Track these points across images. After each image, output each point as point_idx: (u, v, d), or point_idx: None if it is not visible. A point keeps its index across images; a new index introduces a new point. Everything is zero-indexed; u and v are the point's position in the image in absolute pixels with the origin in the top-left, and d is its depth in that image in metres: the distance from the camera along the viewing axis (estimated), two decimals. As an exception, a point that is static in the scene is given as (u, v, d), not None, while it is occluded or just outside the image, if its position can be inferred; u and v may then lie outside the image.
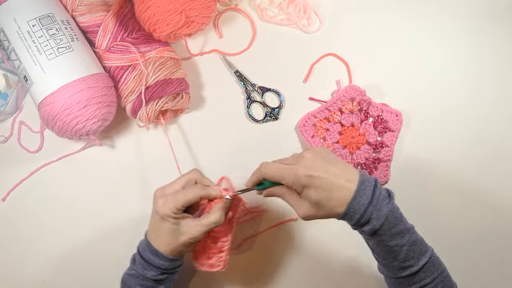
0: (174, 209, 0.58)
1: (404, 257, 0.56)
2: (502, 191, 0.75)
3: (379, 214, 0.54)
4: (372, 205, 0.54)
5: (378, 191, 0.55)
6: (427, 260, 0.56)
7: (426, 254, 0.57)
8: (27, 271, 0.74)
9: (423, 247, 0.57)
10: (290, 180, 0.56)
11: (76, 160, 0.76)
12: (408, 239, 0.56)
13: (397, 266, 0.57)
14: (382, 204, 0.54)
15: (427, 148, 0.76)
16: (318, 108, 0.76)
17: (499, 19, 0.80)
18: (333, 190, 0.54)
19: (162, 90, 0.70)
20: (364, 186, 0.54)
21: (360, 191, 0.54)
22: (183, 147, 0.77)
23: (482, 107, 0.78)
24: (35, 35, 0.67)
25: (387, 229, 0.55)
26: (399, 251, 0.56)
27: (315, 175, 0.54)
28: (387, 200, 0.55)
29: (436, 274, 0.57)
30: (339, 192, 0.54)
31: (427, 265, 0.56)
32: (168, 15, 0.67)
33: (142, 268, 0.60)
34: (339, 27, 0.80)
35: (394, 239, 0.55)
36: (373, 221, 0.54)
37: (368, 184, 0.55)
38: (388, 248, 0.56)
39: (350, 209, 0.54)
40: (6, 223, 0.75)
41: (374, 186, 0.55)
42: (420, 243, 0.57)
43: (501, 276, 0.74)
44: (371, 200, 0.54)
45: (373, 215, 0.54)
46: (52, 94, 0.66)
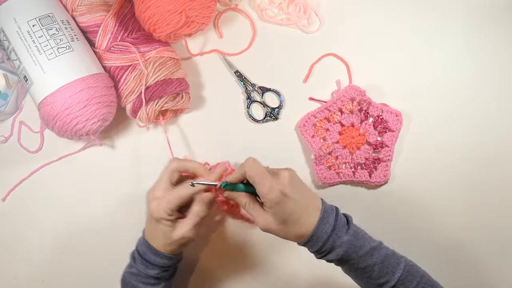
0: (168, 211, 0.59)
1: (378, 274, 0.56)
2: (502, 191, 0.75)
3: (342, 241, 0.55)
4: (334, 233, 0.55)
5: (339, 219, 0.57)
6: (402, 272, 0.56)
7: (399, 266, 0.57)
8: (27, 271, 0.74)
9: (395, 260, 0.57)
10: (265, 189, 0.55)
11: (76, 160, 0.76)
12: (377, 257, 0.56)
13: (374, 284, 0.57)
14: (343, 231, 0.56)
15: (427, 148, 0.76)
16: (318, 108, 0.76)
17: (499, 19, 0.80)
18: (302, 214, 0.56)
19: (162, 90, 0.70)
20: (327, 214, 0.56)
21: (324, 218, 0.56)
22: (183, 147, 0.77)
23: (482, 107, 0.78)
24: (35, 35, 0.67)
25: (354, 253, 0.56)
26: (372, 270, 0.56)
27: (290, 196, 0.55)
28: (347, 226, 0.57)
29: (416, 282, 0.57)
30: (306, 217, 0.56)
31: (403, 276, 0.56)
32: (168, 15, 0.67)
33: (144, 267, 0.61)
34: (339, 27, 0.80)
35: (363, 260, 0.56)
36: (336, 248, 0.56)
37: (330, 212, 0.57)
38: (360, 270, 0.57)
39: (313, 236, 0.55)
40: (6, 223, 0.75)
41: (336, 214, 0.57)
42: (391, 257, 0.57)
43: (501, 276, 0.74)
44: (334, 228, 0.56)
45: (336, 243, 0.55)
46: (52, 94, 0.66)
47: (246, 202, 0.59)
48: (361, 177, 0.74)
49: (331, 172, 0.75)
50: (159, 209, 0.59)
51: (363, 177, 0.74)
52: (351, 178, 0.74)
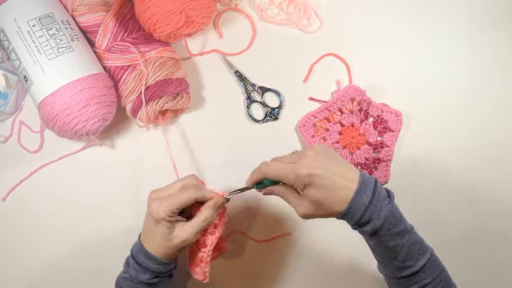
0: (169, 212, 0.57)
1: (404, 257, 0.56)
2: (503, 190, 0.75)
3: (379, 214, 0.54)
4: (373, 205, 0.54)
5: (378, 191, 0.55)
6: (427, 260, 0.56)
7: (425, 254, 0.57)
8: (27, 271, 0.74)
9: (422, 247, 0.57)
10: (291, 179, 0.56)
11: (76, 160, 0.76)
12: (408, 239, 0.56)
13: (397, 266, 0.57)
14: (382, 204, 0.54)
15: (427, 148, 0.76)
16: (318, 108, 0.76)
17: (498, 19, 0.80)
18: (334, 189, 0.54)
19: (162, 90, 0.70)
20: (364, 186, 0.54)
21: (361, 190, 0.54)
22: (183, 147, 0.77)
23: (482, 107, 0.78)
24: (35, 35, 0.67)
25: (387, 229, 0.55)
26: (399, 251, 0.56)
27: (316, 174, 0.54)
28: (387, 200, 0.55)
29: (436, 274, 0.57)
30: (340, 191, 0.54)
31: (427, 265, 0.56)
32: (168, 15, 0.67)
33: (135, 272, 0.59)
34: (339, 27, 0.80)
35: (394, 239, 0.55)
36: (374, 221, 0.54)
37: (368, 184, 0.55)
38: (388, 248, 0.56)
39: (351, 208, 0.54)
40: (6, 223, 0.75)
41: (375, 186, 0.55)
42: (419, 243, 0.57)
43: (501, 277, 0.74)
44: (371, 200, 0.54)
45: (373, 215, 0.54)
46: (52, 94, 0.66)
47: (282, 192, 0.59)
48: (361, 177, 0.74)
49: (331, 172, 0.75)
50: (160, 210, 0.57)
51: (363, 177, 0.74)
52: (351, 178, 0.74)
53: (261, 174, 0.59)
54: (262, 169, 0.58)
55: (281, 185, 0.59)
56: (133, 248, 0.62)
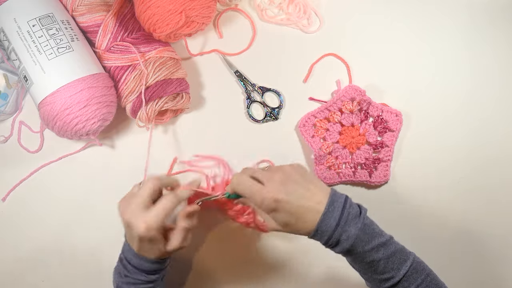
0: (158, 230, 0.57)
1: (383, 269, 0.56)
2: (503, 190, 0.75)
3: (348, 235, 0.54)
4: (340, 227, 0.54)
5: (347, 212, 0.55)
6: (408, 268, 0.56)
7: (406, 262, 0.56)
8: (27, 271, 0.74)
9: (403, 256, 0.56)
10: (257, 201, 0.56)
11: (76, 160, 0.76)
12: (383, 253, 0.55)
13: (378, 279, 0.57)
14: (351, 225, 0.54)
15: (427, 148, 0.76)
16: (318, 108, 0.76)
17: (499, 19, 0.80)
18: (302, 212, 0.55)
19: (162, 90, 0.70)
20: (332, 208, 0.55)
21: (328, 213, 0.54)
22: (182, 147, 0.77)
23: (482, 107, 0.78)
24: (35, 35, 0.67)
25: (360, 247, 0.55)
26: (377, 265, 0.56)
27: (283, 200, 0.54)
28: (357, 219, 0.55)
29: (420, 279, 0.56)
30: (307, 214, 0.55)
31: (409, 273, 0.56)
32: (168, 15, 0.67)
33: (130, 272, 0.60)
34: (339, 27, 0.80)
35: (369, 255, 0.55)
36: (343, 242, 0.55)
37: (337, 205, 0.55)
38: (365, 263, 0.56)
39: (318, 231, 0.55)
40: (6, 223, 0.75)
41: (343, 207, 0.55)
42: (399, 253, 0.56)
43: (501, 277, 0.74)
44: (339, 222, 0.54)
45: (342, 236, 0.54)
46: (52, 94, 0.66)
47: (253, 207, 0.60)
48: (361, 177, 0.74)
49: (331, 172, 0.75)
50: (150, 232, 0.56)
51: (363, 177, 0.74)
52: (351, 178, 0.74)
53: (231, 187, 0.59)
54: (233, 183, 0.58)
55: None
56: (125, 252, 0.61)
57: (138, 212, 0.57)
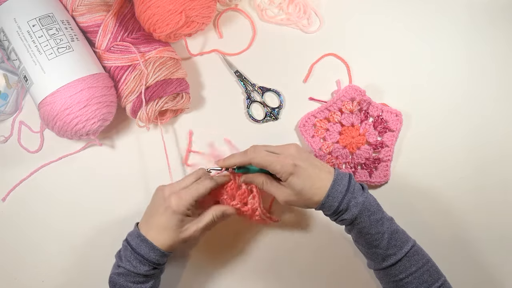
0: (188, 205, 0.61)
1: (387, 244, 0.59)
2: (503, 190, 0.75)
3: (357, 202, 0.58)
4: (349, 192, 0.59)
5: (353, 182, 0.60)
6: (410, 248, 0.59)
7: (408, 243, 0.59)
8: (27, 271, 0.74)
9: (405, 236, 0.60)
10: (276, 167, 0.60)
11: (76, 160, 0.76)
12: (388, 227, 0.59)
13: (381, 255, 0.59)
14: (358, 193, 0.59)
15: (427, 148, 0.76)
16: (318, 108, 0.76)
17: (498, 19, 0.80)
18: (315, 179, 0.59)
19: (162, 90, 0.70)
20: (340, 177, 0.60)
21: (338, 180, 0.59)
22: (183, 147, 0.77)
23: (482, 107, 0.78)
24: (35, 35, 0.67)
25: (366, 216, 0.58)
26: (381, 239, 0.59)
27: (300, 165, 0.59)
28: (362, 191, 0.60)
29: (421, 263, 0.59)
30: (320, 181, 0.59)
31: (410, 253, 0.59)
32: (168, 15, 0.67)
33: (132, 264, 0.61)
34: (339, 27, 0.80)
35: (374, 226, 0.58)
36: (352, 208, 0.58)
37: (343, 176, 0.60)
38: (369, 236, 0.59)
39: (329, 196, 0.59)
40: (6, 223, 0.75)
41: (349, 178, 0.60)
42: (401, 233, 0.60)
43: (501, 277, 0.74)
44: (348, 187, 0.59)
45: (351, 202, 0.58)
46: (52, 94, 0.66)
47: (263, 181, 0.63)
48: (361, 177, 0.74)
49: (331, 172, 0.75)
50: (181, 203, 0.61)
51: (363, 177, 0.74)
52: (351, 178, 0.75)
53: (247, 159, 0.63)
54: (250, 155, 0.62)
55: (262, 175, 0.63)
56: (131, 240, 0.62)
57: (177, 190, 0.63)
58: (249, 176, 0.65)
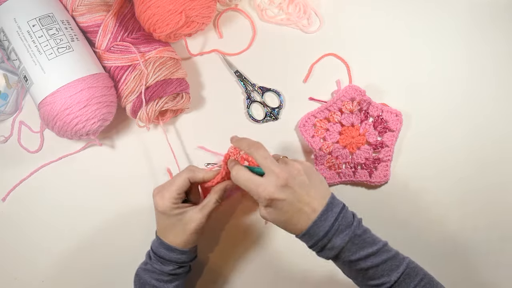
0: (172, 200, 0.61)
1: (372, 276, 0.56)
2: (503, 189, 0.75)
3: (333, 245, 0.55)
4: (326, 238, 0.55)
5: (338, 224, 0.55)
6: (400, 274, 0.56)
7: (399, 268, 0.56)
8: (27, 271, 0.74)
9: (395, 262, 0.56)
10: (254, 196, 0.56)
11: (76, 160, 0.76)
12: (372, 262, 0.55)
13: (370, 284, 0.57)
14: (339, 236, 0.55)
15: (427, 148, 0.76)
16: (318, 108, 0.76)
17: (499, 19, 0.80)
18: (294, 215, 0.55)
19: (162, 90, 0.70)
20: (325, 217, 0.55)
21: (320, 222, 0.55)
22: (183, 147, 0.77)
23: (482, 106, 0.78)
24: (35, 35, 0.67)
25: (345, 257, 0.56)
26: (365, 273, 0.56)
27: (279, 199, 0.54)
28: (348, 229, 0.55)
29: (413, 284, 0.56)
30: (300, 218, 0.55)
31: (400, 279, 0.56)
32: (168, 15, 0.67)
33: (160, 265, 0.62)
34: (339, 27, 0.80)
35: (356, 264, 0.56)
36: (326, 251, 0.56)
37: (330, 216, 0.55)
38: (353, 271, 0.57)
39: (305, 235, 0.56)
40: (6, 223, 0.75)
41: (335, 219, 0.55)
42: (391, 260, 0.56)
43: (501, 276, 0.74)
44: (326, 233, 0.55)
45: (327, 246, 0.55)
46: (52, 94, 0.66)
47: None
48: (361, 177, 0.74)
49: (331, 172, 0.75)
50: (163, 202, 0.61)
51: (363, 177, 0.74)
52: (351, 178, 0.75)
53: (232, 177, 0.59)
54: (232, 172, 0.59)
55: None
56: (152, 245, 0.64)
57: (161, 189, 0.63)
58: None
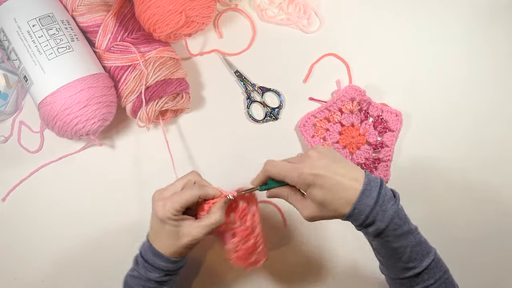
0: (173, 211, 0.57)
1: (408, 258, 0.56)
2: (503, 189, 0.75)
3: (384, 216, 0.53)
4: (378, 206, 0.53)
5: (384, 192, 0.54)
6: (431, 261, 0.56)
7: (429, 255, 0.56)
8: (27, 271, 0.74)
9: (426, 248, 0.57)
10: (294, 178, 0.55)
11: (76, 160, 0.76)
12: (412, 241, 0.55)
13: (400, 267, 0.57)
14: (388, 205, 0.53)
15: (427, 148, 0.76)
16: (318, 108, 0.77)
17: (499, 19, 0.80)
18: (339, 189, 0.53)
19: (162, 90, 0.70)
20: (370, 187, 0.53)
21: (366, 191, 0.53)
22: (183, 147, 0.77)
23: (482, 106, 0.78)
24: (35, 35, 0.67)
25: (392, 231, 0.54)
26: (403, 253, 0.55)
27: (320, 174, 0.53)
28: (393, 201, 0.54)
29: (439, 275, 0.56)
30: (344, 192, 0.53)
31: (431, 266, 0.56)
32: (168, 15, 0.67)
33: (145, 270, 0.60)
34: (339, 27, 0.80)
35: (398, 240, 0.55)
36: (378, 222, 0.53)
37: (374, 185, 0.54)
38: (392, 249, 0.56)
39: (355, 209, 0.53)
40: (6, 223, 0.75)
41: (380, 186, 0.54)
42: (423, 244, 0.57)
43: (503, 276, 0.74)
44: (377, 201, 0.53)
45: (378, 217, 0.53)
46: (52, 94, 0.66)
47: (287, 193, 0.59)
48: (361, 177, 0.74)
49: (331, 172, 0.75)
50: (165, 209, 0.57)
51: (363, 177, 0.74)
52: (351, 178, 0.74)
53: (264, 172, 0.58)
54: (266, 167, 0.58)
55: (286, 187, 0.58)
56: (141, 247, 0.62)
57: (165, 195, 0.58)
58: (274, 191, 0.60)
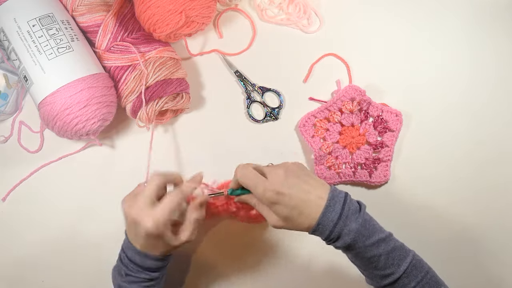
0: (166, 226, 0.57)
1: (384, 265, 0.56)
2: (503, 189, 0.75)
3: (350, 229, 0.55)
4: (341, 221, 0.54)
5: (348, 207, 0.55)
6: (408, 264, 0.56)
7: (406, 259, 0.57)
8: (27, 271, 0.74)
9: (402, 252, 0.57)
10: (259, 193, 0.56)
11: (76, 160, 0.76)
12: (384, 248, 0.56)
13: (379, 275, 0.57)
14: (352, 219, 0.55)
15: (427, 148, 0.76)
16: (318, 108, 0.76)
17: (500, 19, 0.80)
18: (303, 206, 0.55)
19: (162, 90, 0.70)
20: (334, 202, 0.55)
21: (329, 207, 0.55)
22: (183, 147, 0.77)
23: (482, 106, 0.78)
24: (35, 35, 0.67)
25: (361, 242, 0.55)
26: (377, 261, 0.56)
27: (284, 193, 0.55)
28: (357, 214, 0.56)
29: (420, 277, 0.56)
30: (309, 208, 0.55)
31: (409, 269, 0.56)
32: (168, 15, 0.67)
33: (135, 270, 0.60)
34: (339, 27, 0.80)
35: (369, 250, 0.56)
36: (344, 236, 0.55)
37: (337, 200, 0.56)
38: (365, 259, 0.57)
39: (319, 225, 0.55)
40: (6, 223, 0.75)
41: (344, 202, 0.56)
42: (399, 249, 0.57)
43: (501, 276, 0.74)
44: (340, 215, 0.55)
45: (344, 231, 0.55)
46: (52, 94, 0.66)
47: (255, 202, 0.60)
48: (361, 177, 0.74)
49: (331, 172, 0.75)
50: (159, 224, 0.56)
51: (363, 177, 0.74)
52: (351, 178, 0.74)
53: (236, 179, 0.60)
54: (237, 175, 0.59)
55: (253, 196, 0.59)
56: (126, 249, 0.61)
57: (145, 208, 0.57)
58: (242, 198, 0.62)
